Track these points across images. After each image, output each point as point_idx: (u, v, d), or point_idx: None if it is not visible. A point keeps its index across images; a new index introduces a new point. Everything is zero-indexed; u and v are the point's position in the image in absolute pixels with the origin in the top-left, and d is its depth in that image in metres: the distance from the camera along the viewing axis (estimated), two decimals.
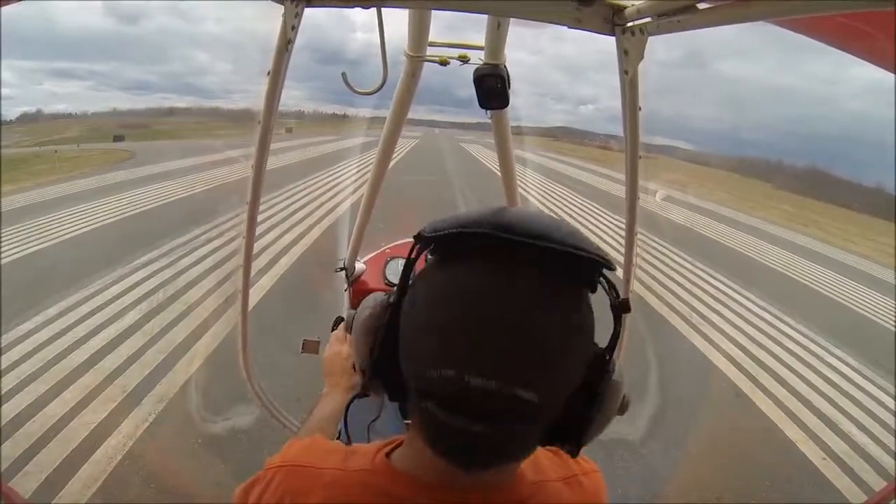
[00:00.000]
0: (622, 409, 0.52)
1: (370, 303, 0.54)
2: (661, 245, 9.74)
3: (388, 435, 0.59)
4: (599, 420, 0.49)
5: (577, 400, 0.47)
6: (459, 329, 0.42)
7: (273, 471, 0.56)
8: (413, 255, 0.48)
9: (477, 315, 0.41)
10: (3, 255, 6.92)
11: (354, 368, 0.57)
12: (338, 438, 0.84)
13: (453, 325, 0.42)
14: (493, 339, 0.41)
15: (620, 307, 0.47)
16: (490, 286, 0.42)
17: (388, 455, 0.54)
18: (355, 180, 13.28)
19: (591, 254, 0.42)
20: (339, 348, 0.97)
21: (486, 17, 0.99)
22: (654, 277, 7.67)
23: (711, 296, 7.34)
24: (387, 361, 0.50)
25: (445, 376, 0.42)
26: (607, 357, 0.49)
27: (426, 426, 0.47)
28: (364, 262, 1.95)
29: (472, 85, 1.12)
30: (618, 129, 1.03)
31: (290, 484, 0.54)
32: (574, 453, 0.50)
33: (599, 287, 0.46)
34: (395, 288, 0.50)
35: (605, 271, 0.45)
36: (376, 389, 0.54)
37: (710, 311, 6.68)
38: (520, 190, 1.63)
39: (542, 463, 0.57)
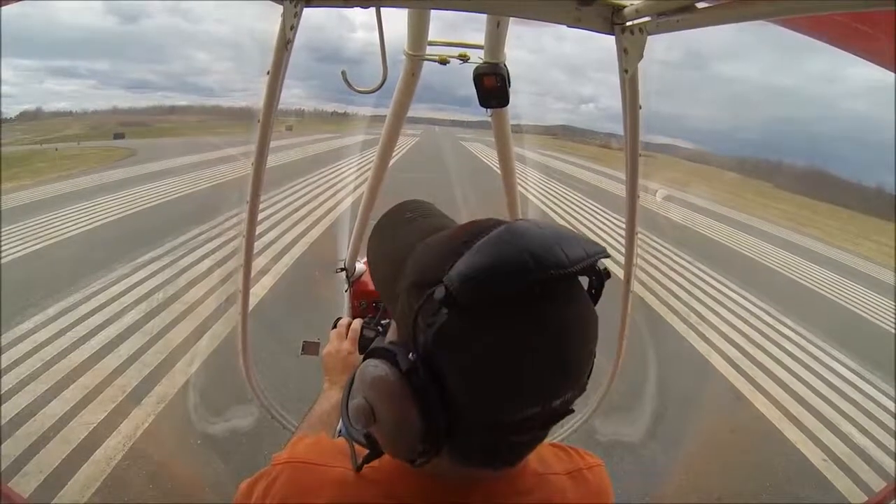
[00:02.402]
0: None
1: (382, 374, 0.45)
2: (661, 245, 9.74)
3: None
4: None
5: None
6: (540, 369, 0.42)
7: (280, 467, 0.56)
8: (422, 329, 0.43)
9: (550, 349, 0.43)
10: (3, 254, 6.93)
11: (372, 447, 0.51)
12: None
13: (535, 367, 0.42)
14: (566, 363, 0.44)
15: (606, 275, 0.49)
16: (550, 318, 0.43)
17: None
18: (355, 179, 13.29)
19: (603, 255, 0.47)
20: (339, 345, 0.98)
21: (485, 16, 0.99)
22: (653, 277, 7.67)
23: (711, 296, 7.34)
24: (441, 427, 0.43)
25: (529, 414, 0.43)
26: None
27: (477, 452, 0.47)
28: (364, 263, 1.95)
29: (472, 84, 1.12)
30: (618, 128, 1.03)
31: (297, 481, 0.54)
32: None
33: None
34: (395, 352, 0.44)
35: None
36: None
37: (709, 311, 6.68)
38: (519, 188, 1.63)
39: (547, 457, 0.58)
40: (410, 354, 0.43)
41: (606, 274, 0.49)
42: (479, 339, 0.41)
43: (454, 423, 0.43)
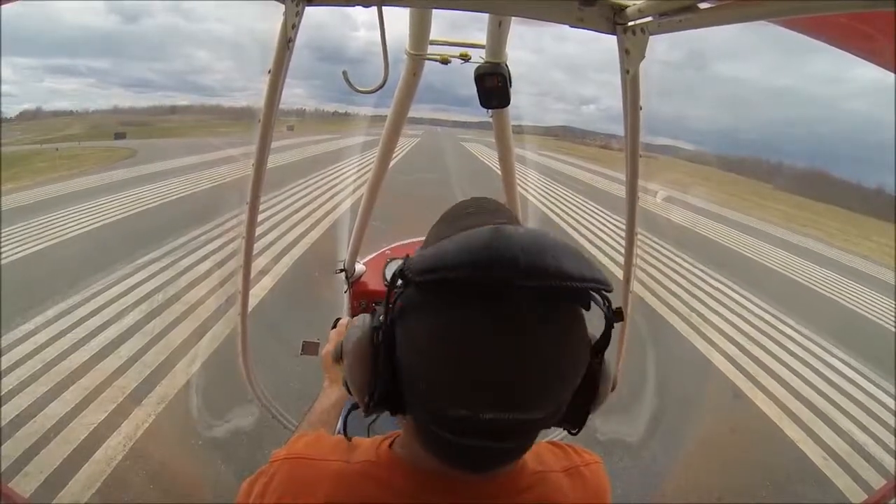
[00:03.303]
0: (612, 387, 0.54)
1: (358, 331, 0.51)
2: (661, 245, 9.74)
3: (388, 432, 0.59)
4: (596, 406, 0.52)
5: (577, 396, 0.48)
6: (468, 372, 0.41)
7: (279, 463, 0.56)
8: (393, 296, 0.46)
9: (483, 357, 0.41)
10: (3, 255, 6.93)
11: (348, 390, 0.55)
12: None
13: (462, 368, 0.41)
14: (502, 377, 0.41)
15: (615, 317, 0.46)
16: (493, 327, 0.41)
17: (390, 446, 0.55)
18: (355, 180, 13.29)
19: (592, 283, 0.42)
20: None
21: (487, 15, 0.99)
22: (653, 277, 7.67)
23: (711, 296, 7.34)
24: (389, 390, 0.48)
25: (458, 416, 0.42)
26: (599, 356, 0.49)
27: (433, 444, 0.48)
28: (364, 264, 1.95)
29: (474, 83, 1.12)
30: (619, 129, 1.02)
31: (295, 475, 0.54)
32: (574, 433, 0.53)
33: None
34: (378, 313, 0.49)
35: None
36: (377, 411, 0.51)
37: (709, 311, 6.68)
38: (519, 188, 1.63)
39: (545, 455, 0.58)
40: (381, 316, 0.47)
41: (616, 315, 0.46)
42: (421, 319, 0.44)
43: (395, 390, 0.47)
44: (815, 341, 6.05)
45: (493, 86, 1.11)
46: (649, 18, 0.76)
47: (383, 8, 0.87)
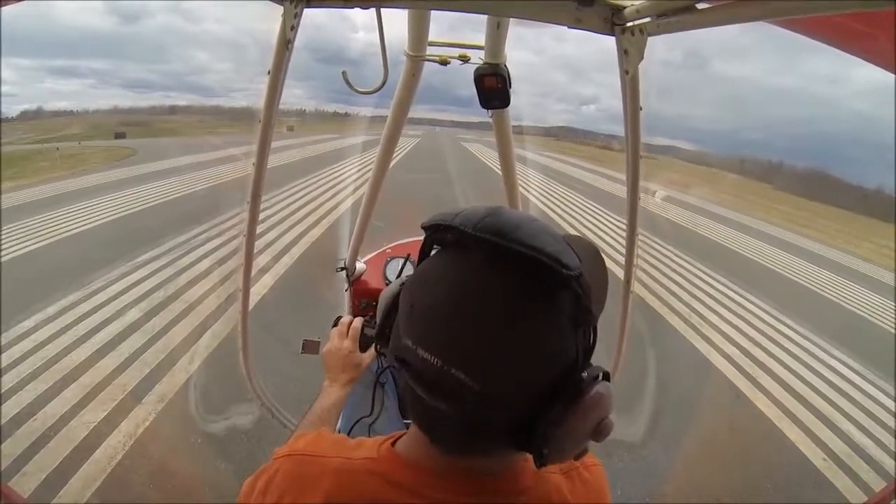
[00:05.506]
0: (598, 433, 0.48)
1: (394, 283, 0.60)
2: (662, 245, 9.74)
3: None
4: (561, 433, 0.45)
5: (542, 407, 0.44)
6: (419, 307, 0.46)
7: (281, 460, 0.57)
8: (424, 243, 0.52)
9: (433, 297, 0.45)
10: (3, 253, 6.93)
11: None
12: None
13: (416, 303, 0.47)
14: (441, 320, 0.44)
15: (582, 315, 0.44)
16: (451, 275, 0.45)
17: (392, 444, 0.56)
18: (356, 180, 13.30)
19: (541, 254, 0.41)
20: (339, 344, 0.99)
21: (485, 16, 0.99)
22: (653, 277, 7.67)
23: (711, 296, 7.34)
24: (389, 331, 0.56)
25: (405, 345, 0.47)
26: (580, 366, 0.45)
27: (404, 396, 0.51)
28: (364, 262, 1.95)
29: (473, 84, 1.12)
30: (619, 129, 1.03)
31: (297, 472, 0.55)
32: (537, 465, 0.46)
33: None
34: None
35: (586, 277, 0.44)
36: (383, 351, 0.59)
37: (709, 311, 6.68)
38: (520, 188, 1.63)
39: None
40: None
41: (582, 293, 0.43)
42: (422, 268, 0.50)
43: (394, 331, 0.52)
44: (814, 342, 6.05)
45: (493, 86, 1.11)
46: (647, 19, 0.77)
47: (382, 9, 0.87)
